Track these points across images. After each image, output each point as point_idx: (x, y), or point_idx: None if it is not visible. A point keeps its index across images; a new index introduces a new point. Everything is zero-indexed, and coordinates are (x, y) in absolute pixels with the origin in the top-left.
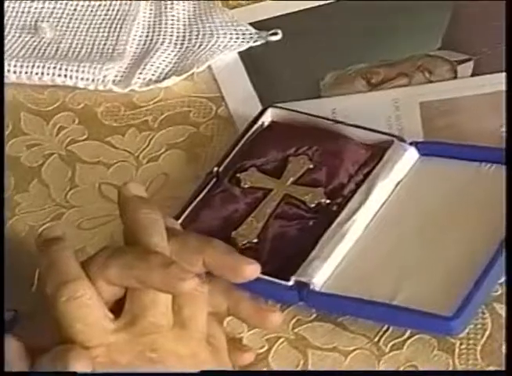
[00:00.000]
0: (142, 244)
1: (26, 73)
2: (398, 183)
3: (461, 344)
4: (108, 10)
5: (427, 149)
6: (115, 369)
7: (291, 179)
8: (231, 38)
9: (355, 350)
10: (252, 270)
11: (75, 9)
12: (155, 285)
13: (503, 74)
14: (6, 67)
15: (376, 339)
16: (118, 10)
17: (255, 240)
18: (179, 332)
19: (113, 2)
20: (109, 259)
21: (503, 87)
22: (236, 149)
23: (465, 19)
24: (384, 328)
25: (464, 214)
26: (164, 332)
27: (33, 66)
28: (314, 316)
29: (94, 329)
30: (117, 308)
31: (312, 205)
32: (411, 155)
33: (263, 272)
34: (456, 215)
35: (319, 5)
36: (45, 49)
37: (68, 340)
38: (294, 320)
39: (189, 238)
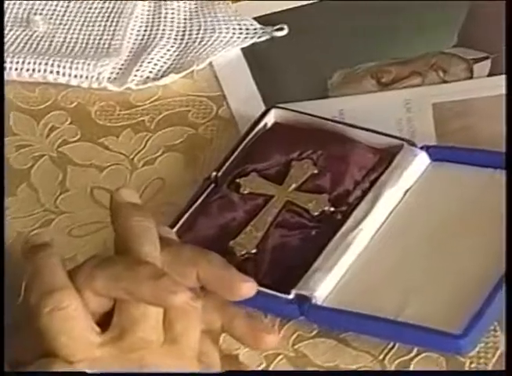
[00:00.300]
0: (133, 254)
1: (16, 69)
2: (407, 191)
3: (471, 363)
4: (104, 3)
5: (438, 154)
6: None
7: (294, 185)
8: (234, 34)
9: (358, 368)
10: (248, 289)
11: (70, 2)
12: (144, 298)
13: None
14: None
15: (380, 357)
16: (115, 3)
17: (254, 251)
18: (169, 348)
19: None
20: (97, 269)
21: None
22: (237, 152)
23: (483, 14)
24: (390, 345)
25: (477, 224)
26: (154, 348)
27: (23, 62)
28: (315, 331)
29: (79, 342)
30: (104, 321)
31: (316, 213)
32: (422, 160)
33: (262, 285)
34: (468, 225)
35: (328, 0)
36: (37, 44)
37: (51, 353)
38: (294, 336)
39: (184, 249)
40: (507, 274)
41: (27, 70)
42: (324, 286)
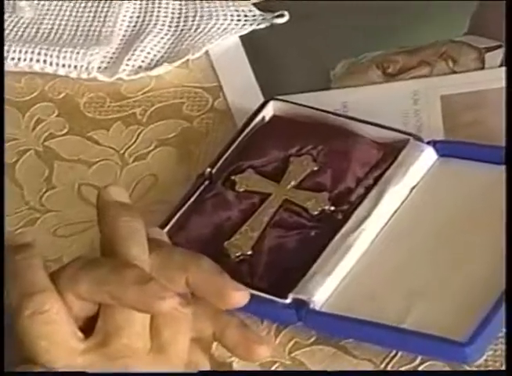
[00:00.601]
0: (120, 256)
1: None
2: (413, 188)
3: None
4: None
5: (446, 149)
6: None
7: (292, 183)
8: (231, 21)
9: None
10: (239, 297)
11: None
12: (130, 303)
13: None
14: None
15: (382, 366)
16: None
17: (250, 252)
18: (156, 357)
19: None
20: (81, 271)
21: None
22: (232, 147)
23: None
24: (392, 353)
25: (486, 224)
26: (139, 356)
27: (8, 50)
28: (313, 338)
29: (60, 348)
30: (88, 326)
31: (315, 213)
32: (428, 156)
33: (257, 289)
34: (477, 225)
35: None
36: (23, 31)
37: (31, 359)
38: (291, 343)
39: (174, 252)
40: (507, 273)
41: (12, 58)
42: (323, 290)
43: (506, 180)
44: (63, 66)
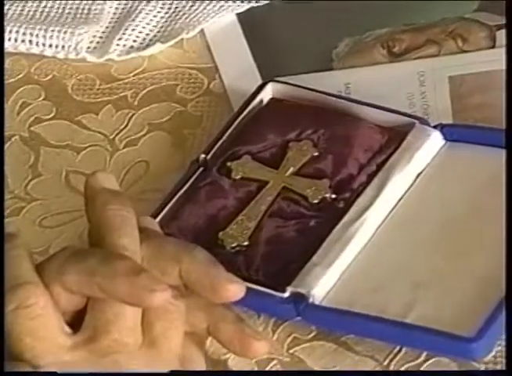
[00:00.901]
0: (109, 247)
1: None
2: (419, 175)
3: (486, 369)
4: None
5: (455, 133)
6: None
7: (291, 169)
8: None
9: None
10: (234, 291)
11: None
12: (120, 295)
13: None
14: None
15: (385, 362)
16: None
17: (246, 243)
18: (148, 352)
19: None
20: (68, 262)
21: None
22: (228, 132)
23: None
24: (396, 349)
25: (496, 214)
26: (130, 351)
27: None
28: (313, 334)
29: (47, 344)
30: (76, 320)
31: (315, 201)
32: (435, 141)
33: (254, 281)
34: (486, 215)
35: None
36: (8, 9)
37: (16, 356)
38: (290, 339)
39: (166, 243)
40: (507, 269)
41: None
42: (323, 283)
43: (506, 165)
44: (50, 46)
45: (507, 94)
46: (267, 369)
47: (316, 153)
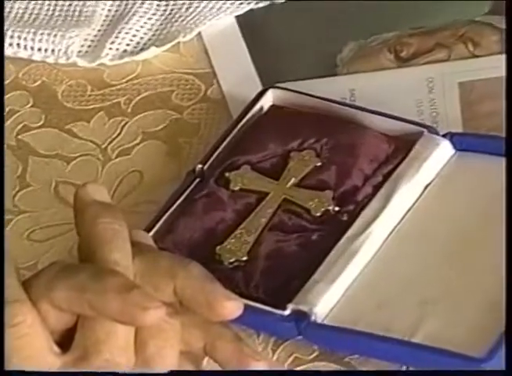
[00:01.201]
0: (99, 262)
1: None
2: (427, 186)
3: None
4: None
5: (465, 142)
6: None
7: (292, 180)
8: None
9: None
10: (232, 308)
11: None
12: (111, 313)
13: None
14: None
15: None
16: None
17: (245, 258)
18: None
19: None
20: (57, 278)
21: None
22: (227, 141)
23: None
24: (402, 370)
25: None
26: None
27: None
28: (315, 354)
29: (34, 364)
30: (66, 339)
31: (318, 214)
32: (444, 150)
33: (253, 299)
34: (498, 228)
35: None
36: None
37: None
38: (291, 359)
39: (160, 257)
40: (507, 270)
41: None
42: (326, 300)
43: (506, 173)
44: (39, 50)
45: (507, 100)
46: None
47: (319, 164)
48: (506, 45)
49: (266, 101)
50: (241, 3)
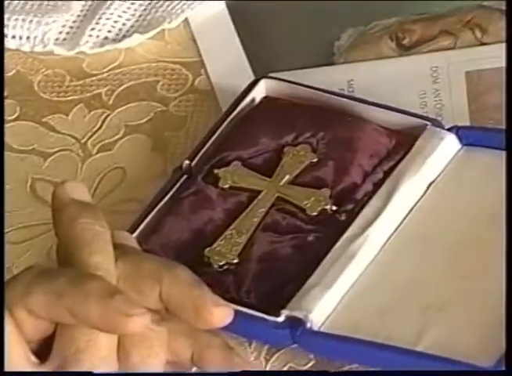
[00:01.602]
0: (79, 265)
1: None
2: (431, 184)
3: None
4: None
5: (472, 136)
6: None
7: (287, 178)
8: None
9: None
10: (221, 315)
11: None
12: (91, 320)
13: None
14: None
15: None
16: None
17: (236, 261)
18: None
19: None
20: (34, 283)
21: None
22: (216, 135)
23: None
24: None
25: None
26: None
27: None
28: (311, 363)
29: None
30: (44, 349)
31: (313, 213)
32: (450, 145)
33: (245, 304)
34: (507, 229)
35: None
36: None
37: None
38: (286, 369)
39: (144, 260)
40: (508, 270)
41: None
42: (322, 306)
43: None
44: (13, 37)
45: (507, 94)
46: None
47: (315, 159)
48: (507, 45)
49: (258, 92)
50: None
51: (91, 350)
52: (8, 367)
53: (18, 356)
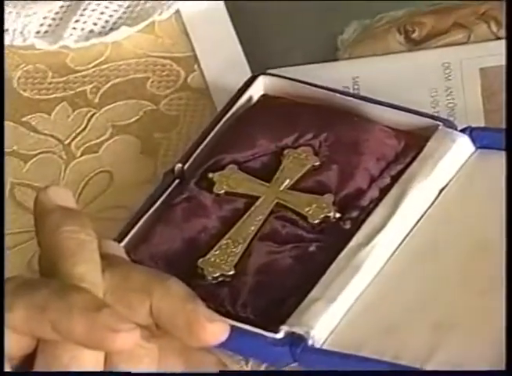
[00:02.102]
0: (63, 276)
1: None
2: (442, 190)
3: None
4: None
5: (486, 138)
6: None
7: (287, 182)
8: None
9: None
10: (215, 332)
11: None
12: (76, 336)
13: None
14: None
15: None
16: None
17: (231, 272)
18: None
19: None
20: (14, 296)
21: None
22: (210, 136)
23: None
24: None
25: None
26: None
27: None
28: None
29: None
30: (26, 366)
31: (316, 221)
32: (463, 148)
33: (241, 319)
34: None
35: None
36: None
37: None
38: None
39: (134, 271)
40: (508, 271)
41: None
42: (325, 322)
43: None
44: None
45: (507, 94)
46: None
47: (317, 163)
48: (507, 46)
49: (256, 90)
50: None
51: (75, 367)
52: None
53: None
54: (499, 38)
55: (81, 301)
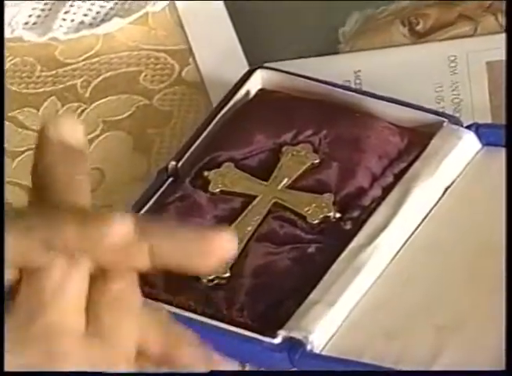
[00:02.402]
0: (54, 202)
1: None
2: (447, 189)
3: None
4: None
5: (493, 135)
6: None
7: (285, 181)
8: None
9: None
10: (223, 240)
11: None
12: (71, 244)
13: None
14: None
15: None
16: None
17: (227, 275)
18: (92, 343)
19: None
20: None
21: None
22: (206, 133)
23: None
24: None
25: None
26: (71, 337)
27: None
28: None
29: None
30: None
31: (315, 221)
32: (469, 145)
33: (237, 324)
34: None
35: None
36: None
37: None
38: None
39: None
40: (508, 271)
41: None
42: (324, 326)
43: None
44: None
45: (507, 94)
46: None
47: (317, 161)
48: (507, 46)
49: (253, 84)
50: None
51: (58, 301)
52: None
53: None
54: (506, 31)
55: (72, 215)
